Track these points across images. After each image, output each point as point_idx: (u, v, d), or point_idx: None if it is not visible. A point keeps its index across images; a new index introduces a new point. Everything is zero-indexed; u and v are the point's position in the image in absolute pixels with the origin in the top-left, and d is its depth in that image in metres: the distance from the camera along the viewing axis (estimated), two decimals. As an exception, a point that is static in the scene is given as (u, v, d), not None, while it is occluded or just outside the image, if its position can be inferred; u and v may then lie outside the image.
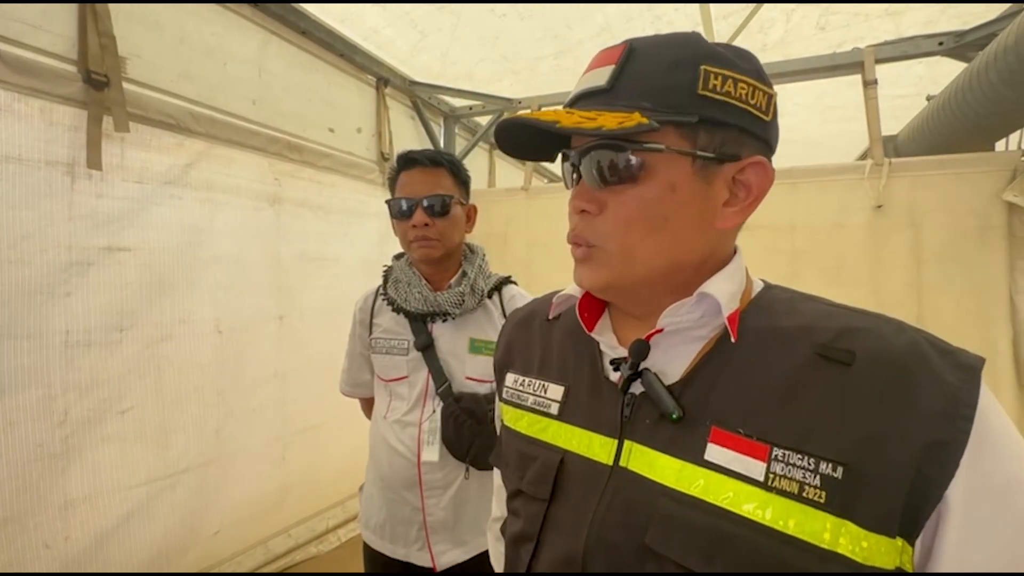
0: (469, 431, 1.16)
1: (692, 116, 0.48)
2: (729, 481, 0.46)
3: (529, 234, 2.82)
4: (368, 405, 1.43)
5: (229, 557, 2.10)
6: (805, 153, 3.75)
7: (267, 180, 2.21)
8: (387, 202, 1.23)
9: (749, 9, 2.20)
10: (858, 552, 0.41)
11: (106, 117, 1.59)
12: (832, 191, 2.14)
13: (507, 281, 1.32)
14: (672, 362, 0.54)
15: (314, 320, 2.43)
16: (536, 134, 0.56)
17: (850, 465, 0.43)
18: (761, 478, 0.45)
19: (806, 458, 0.44)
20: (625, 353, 0.56)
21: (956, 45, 2.12)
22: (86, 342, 1.60)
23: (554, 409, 0.62)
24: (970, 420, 0.42)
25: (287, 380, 2.31)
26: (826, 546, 0.42)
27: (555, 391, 0.63)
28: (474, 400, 1.18)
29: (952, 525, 0.41)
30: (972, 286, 1.93)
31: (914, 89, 2.68)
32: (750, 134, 0.51)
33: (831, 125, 3.34)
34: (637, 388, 0.55)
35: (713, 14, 2.25)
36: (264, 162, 2.19)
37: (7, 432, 1.44)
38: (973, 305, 1.93)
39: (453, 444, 1.17)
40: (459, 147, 3.42)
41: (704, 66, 0.48)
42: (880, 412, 0.43)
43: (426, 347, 1.22)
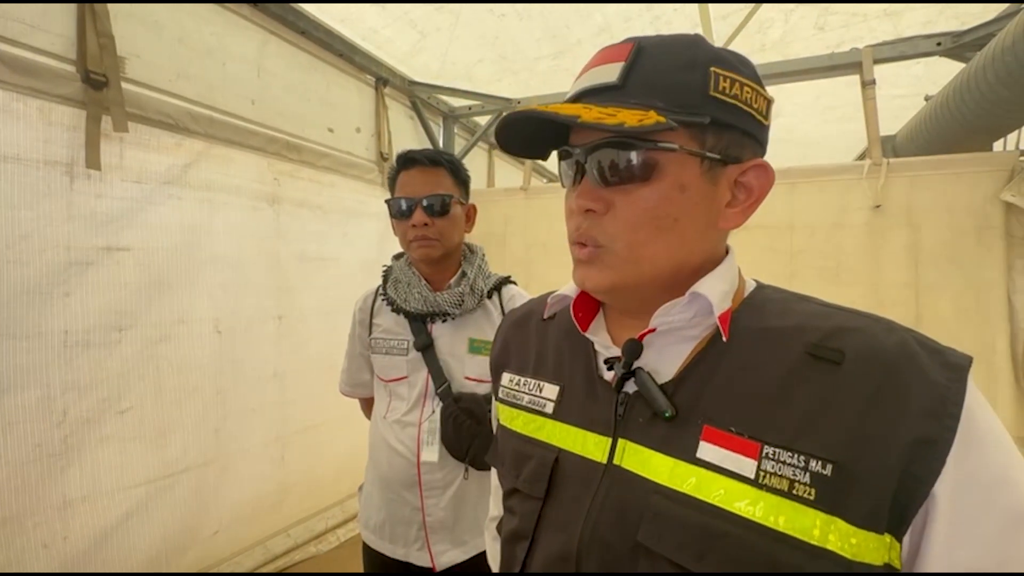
0: (468, 431, 1.16)
1: (704, 117, 0.48)
2: (720, 479, 0.47)
3: (528, 234, 2.82)
4: (368, 405, 1.43)
5: (228, 557, 2.10)
6: (803, 153, 3.76)
7: (266, 180, 2.21)
8: (387, 202, 1.23)
9: (748, 9, 2.20)
10: (847, 548, 0.41)
11: (105, 117, 1.59)
12: (830, 191, 2.15)
13: (507, 281, 1.32)
14: (665, 361, 0.55)
15: (313, 320, 2.43)
16: (538, 130, 0.55)
17: (839, 463, 0.43)
18: (752, 476, 0.45)
19: (796, 456, 0.44)
20: (619, 352, 0.56)
21: (954, 45, 2.12)
22: (85, 342, 1.60)
23: (549, 408, 0.62)
24: (956, 418, 0.42)
25: (286, 380, 2.31)
26: (816, 543, 0.42)
27: (550, 390, 0.63)
28: (473, 400, 1.18)
29: (939, 522, 0.41)
30: (970, 286, 1.94)
31: (912, 89, 2.69)
32: (751, 137, 0.52)
33: (829, 125, 3.34)
34: (631, 387, 0.55)
35: (712, 14, 2.25)
36: (263, 162, 2.19)
37: (6, 432, 1.44)
38: (971, 304, 1.94)
39: (452, 444, 1.17)
40: (458, 147, 3.43)
41: (713, 68, 0.49)
42: (869, 410, 0.44)
43: (426, 347, 1.22)
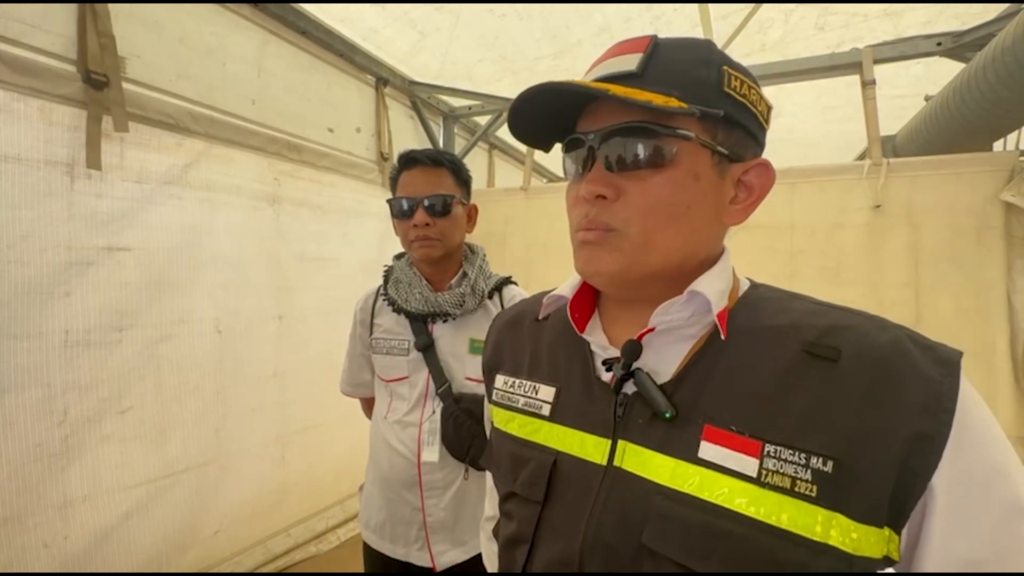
0: (468, 432, 1.16)
1: (719, 110, 0.50)
2: (723, 478, 0.47)
3: (528, 234, 2.82)
4: (369, 405, 1.43)
5: (229, 557, 2.10)
6: (804, 153, 3.76)
7: (266, 180, 2.21)
8: (388, 201, 1.23)
9: (748, 9, 2.20)
10: (848, 543, 0.42)
11: (105, 117, 1.59)
12: (831, 191, 2.15)
13: (507, 281, 1.32)
14: (663, 361, 0.55)
15: (313, 320, 2.43)
16: (550, 115, 0.55)
17: (840, 459, 0.44)
18: (754, 474, 0.46)
19: (797, 453, 0.45)
20: (617, 353, 0.56)
21: (954, 46, 2.12)
22: (86, 342, 1.60)
23: (545, 410, 0.61)
24: (951, 413, 0.43)
25: (286, 380, 2.31)
26: (818, 539, 0.43)
27: (546, 392, 0.62)
28: (474, 401, 1.18)
29: (937, 516, 0.42)
30: (970, 286, 1.94)
31: (912, 89, 2.69)
32: (754, 138, 0.53)
33: (830, 125, 3.34)
34: (629, 388, 0.55)
35: (712, 14, 2.25)
36: (263, 162, 2.19)
37: (7, 432, 1.44)
38: (971, 304, 1.94)
39: (453, 445, 1.17)
40: (458, 147, 3.43)
41: (725, 67, 0.51)
42: (866, 407, 0.44)
43: (426, 347, 1.22)
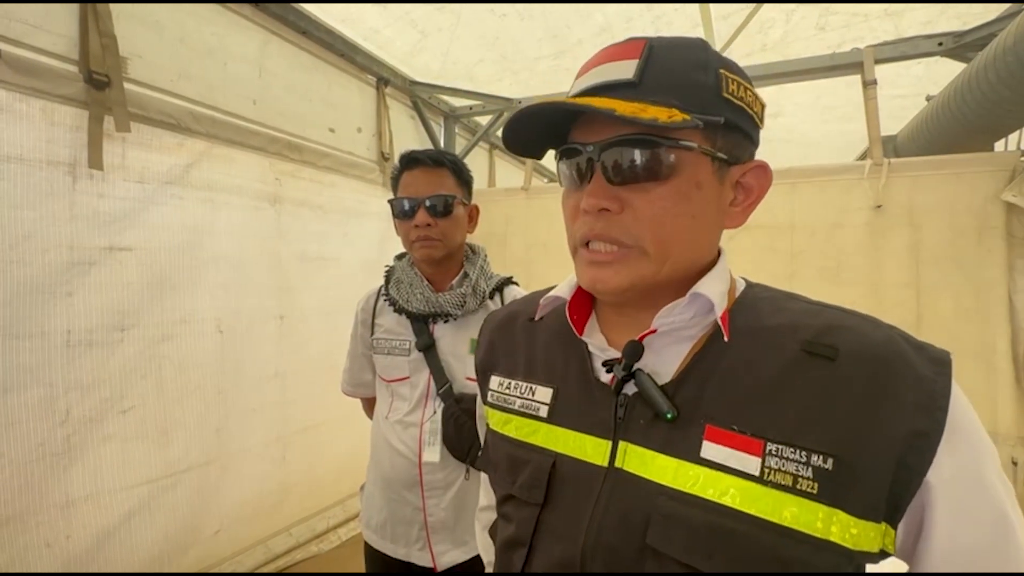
0: (470, 432, 1.16)
1: (719, 117, 0.49)
2: (726, 477, 0.47)
3: (529, 234, 2.82)
4: (370, 405, 1.43)
5: (229, 556, 2.10)
6: (804, 153, 3.76)
7: (267, 180, 2.21)
8: (389, 202, 1.23)
9: (749, 9, 2.20)
10: (848, 539, 0.43)
11: (107, 117, 1.60)
12: (831, 191, 2.15)
13: (508, 282, 1.32)
14: (664, 362, 0.55)
15: (314, 320, 2.44)
16: (544, 127, 0.54)
17: (839, 456, 0.44)
18: (757, 473, 0.46)
19: (798, 451, 0.45)
20: (617, 354, 0.56)
21: (955, 46, 2.12)
22: (87, 342, 1.60)
23: (543, 412, 0.61)
24: (945, 411, 0.44)
25: (287, 380, 2.31)
26: (820, 535, 0.43)
27: (543, 393, 0.62)
28: (475, 401, 1.18)
29: (939, 510, 0.43)
30: (971, 286, 1.94)
31: (913, 89, 2.69)
32: (750, 140, 0.53)
33: (830, 125, 3.34)
34: (629, 389, 0.55)
35: (713, 14, 2.25)
36: (264, 162, 2.19)
37: (9, 431, 1.44)
38: (972, 305, 1.93)
39: (454, 445, 1.18)
40: (459, 147, 3.43)
41: (722, 70, 0.50)
42: (864, 405, 0.45)
43: (427, 348, 1.22)
